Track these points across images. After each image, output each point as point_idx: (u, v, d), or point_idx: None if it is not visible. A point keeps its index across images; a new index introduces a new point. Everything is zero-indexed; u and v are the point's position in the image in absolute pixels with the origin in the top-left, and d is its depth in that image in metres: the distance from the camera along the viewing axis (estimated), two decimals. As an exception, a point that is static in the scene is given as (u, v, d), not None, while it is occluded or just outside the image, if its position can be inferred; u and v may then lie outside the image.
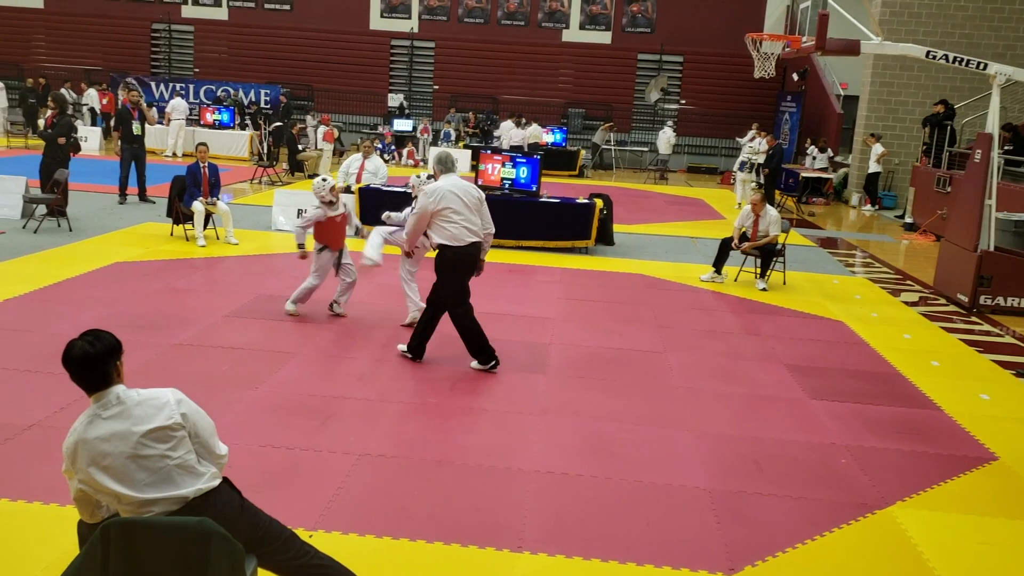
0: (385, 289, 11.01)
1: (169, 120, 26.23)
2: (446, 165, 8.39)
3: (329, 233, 9.81)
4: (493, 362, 8.53)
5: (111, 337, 3.87)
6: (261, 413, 7.12)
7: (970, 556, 5.58)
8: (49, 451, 6.12)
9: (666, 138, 28.58)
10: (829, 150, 26.52)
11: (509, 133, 27.30)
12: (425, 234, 8.52)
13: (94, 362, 3.76)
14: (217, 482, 3.92)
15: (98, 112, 29.61)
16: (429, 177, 9.43)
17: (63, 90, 27.44)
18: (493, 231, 8.52)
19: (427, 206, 8.14)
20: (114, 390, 3.81)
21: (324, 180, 9.81)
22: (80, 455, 3.72)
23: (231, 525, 3.68)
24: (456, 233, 8.13)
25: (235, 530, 3.68)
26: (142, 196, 17.09)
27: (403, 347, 8.79)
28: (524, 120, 28.54)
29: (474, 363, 8.57)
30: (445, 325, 9.85)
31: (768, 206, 13.13)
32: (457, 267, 8.26)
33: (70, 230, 13.84)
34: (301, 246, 9.76)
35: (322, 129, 25.10)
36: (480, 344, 8.49)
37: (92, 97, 29.75)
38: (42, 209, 13.98)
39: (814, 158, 26.30)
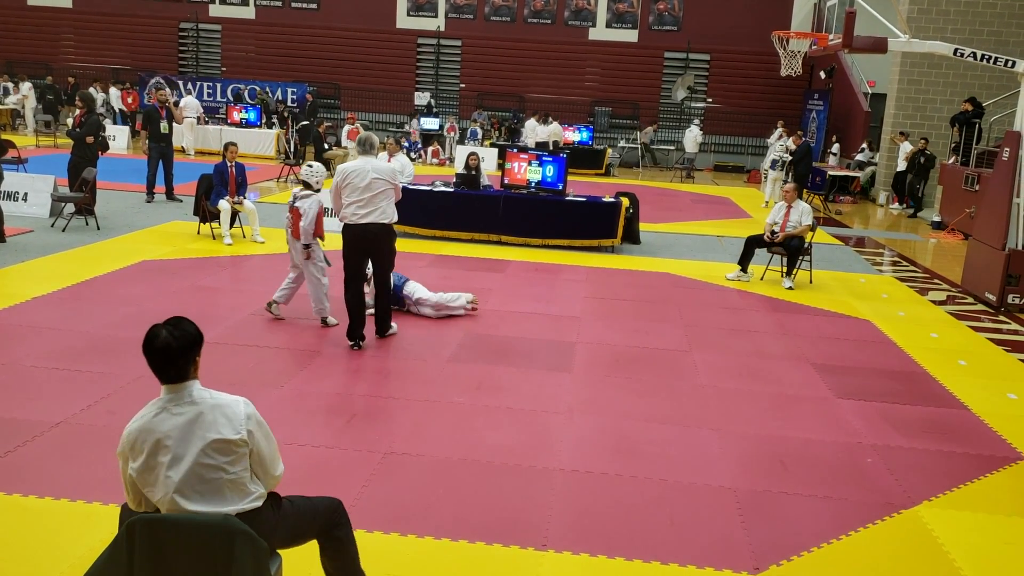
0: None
1: (181, 118, 26.33)
2: (364, 147, 8.93)
3: (321, 223, 9.57)
4: (355, 342, 8.94)
5: (194, 328, 3.84)
6: (286, 412, 7.15)
7: (996, 556, 5.54)
8: (76, 448, 6.18)
9: (693, 136, 28.50)
10: (836, 145, 26.72)
11: (535, 130, 27.27)
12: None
13: (175, 356, 3.72)
14: (260, 503, 3.87)
15: (117, 111, 29.78)
16: (310, 165, 9.81)
17: (92, 89, 27.69)
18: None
19: (336, 183, 8.79)
20: (189, 386, 3.77)
21: (311, 166, 9.76)
22: (141, 443, 3.69)
23: (264, 539, 3.69)
24: (347, 211, 8.71)
25: (268, 542, 3.71)
26: (169, 195, 17.19)
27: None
28: (549, 118, 28.55)
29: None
30: (475, 327, 9.89)
31: (799, 199, 13.20)
32: (347, 243, 8.84)
33: (98, 228, 13.95)
34: (308, 245, 9.46)
35: (347, 127, 25.16)
36: (354, 324, 8.97)
37: (114, 96, 29.94)
38: (70, 207, 14.10)
39: (835, 155, 26.28)
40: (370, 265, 9.29)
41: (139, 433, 3.70)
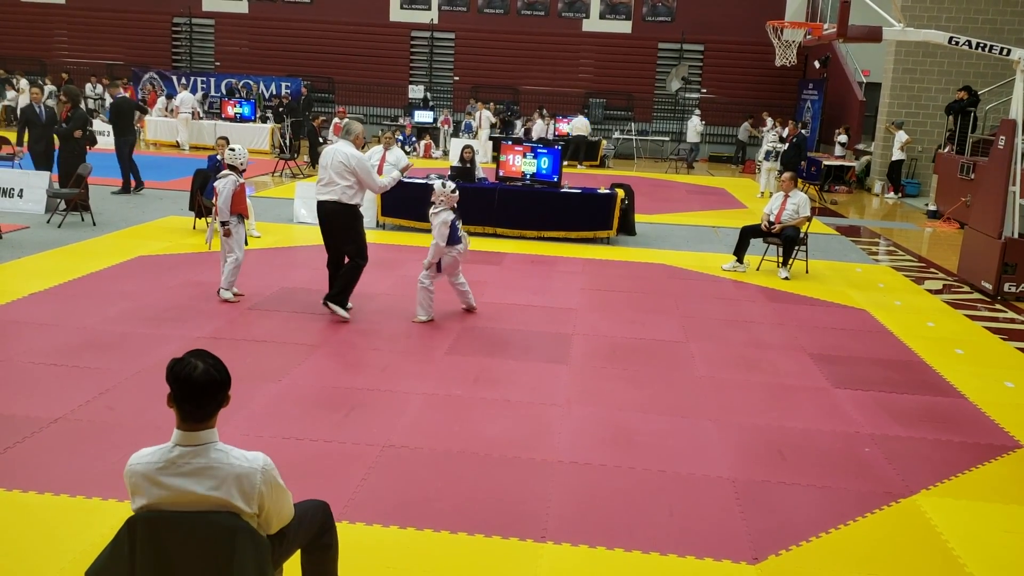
0: (407, 281, 11.01)
1: (177, 113, 26.41)
2: (343, 132, 9.62)
3: (242, 201, 10.26)
4: (337, 306, 9.63)
5: (224, 367, 3.47)
6: (285, 406, 7.15)
7: (995, 544, 5.56)
8: (75, 444, 6.18)
9: (694, 126, 28.55)
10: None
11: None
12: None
13: (214, 391, 3.41)
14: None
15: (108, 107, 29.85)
16: (232, 149, 10.39)
17: (88, 85, 27.70)
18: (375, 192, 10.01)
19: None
20: (208, 436, 3.46)
21: (233, 150, 10.34)
22: (139, 490, 3.49)
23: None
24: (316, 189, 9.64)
25: None
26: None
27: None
28: (544, 110, 28.60)
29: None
30: (472, 319, 9.90)
31: (796, 189, 13.22)
32: (318, 218, 9.69)
33: (93, 224, 13.93)
34: (226, 223, 10.03)
35: (335, 121, 25.23)
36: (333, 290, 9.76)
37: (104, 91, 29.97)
38: (63, 203, 14.07)
39: (842, 144, 26.30)
40: None
41: (138, 479, 3.46)
